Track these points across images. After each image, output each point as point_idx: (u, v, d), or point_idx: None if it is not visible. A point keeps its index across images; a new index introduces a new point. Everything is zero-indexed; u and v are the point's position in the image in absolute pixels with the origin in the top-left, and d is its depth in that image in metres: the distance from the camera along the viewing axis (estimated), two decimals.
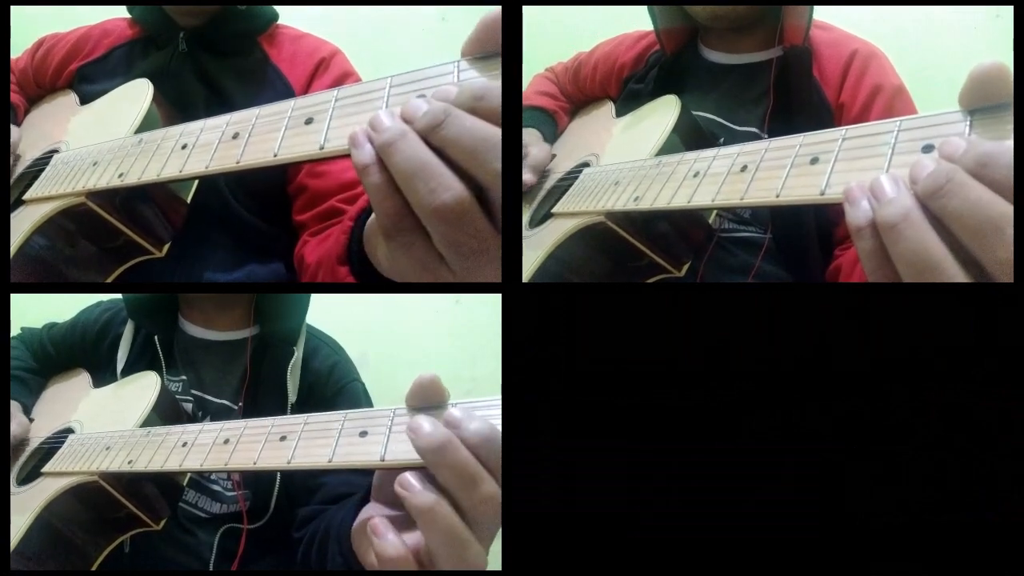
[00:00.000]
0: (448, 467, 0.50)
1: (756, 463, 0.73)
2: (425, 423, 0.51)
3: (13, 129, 0.84)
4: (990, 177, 0.43)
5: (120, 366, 0.93)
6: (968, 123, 0.47)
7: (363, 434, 0.58)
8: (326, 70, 0.91)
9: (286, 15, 0.95)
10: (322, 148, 0.52)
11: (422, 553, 0.52)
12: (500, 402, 0.54)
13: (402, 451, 0.54)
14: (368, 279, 0.64)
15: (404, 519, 0.53)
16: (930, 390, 0.71)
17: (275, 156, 0.54)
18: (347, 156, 0.50)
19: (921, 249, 0.44)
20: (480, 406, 0.54)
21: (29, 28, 0.98)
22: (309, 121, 0.53)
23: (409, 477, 0.51)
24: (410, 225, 0.48)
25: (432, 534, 0.51)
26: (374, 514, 0.56)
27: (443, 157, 0.47)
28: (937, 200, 0.44)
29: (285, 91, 0.89)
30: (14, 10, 0.83)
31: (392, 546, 0.52)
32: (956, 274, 0.43)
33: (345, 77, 0.91)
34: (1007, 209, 0.42)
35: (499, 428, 0.52)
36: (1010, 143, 0.45)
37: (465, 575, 0.61)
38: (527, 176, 0.89)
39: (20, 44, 0.95)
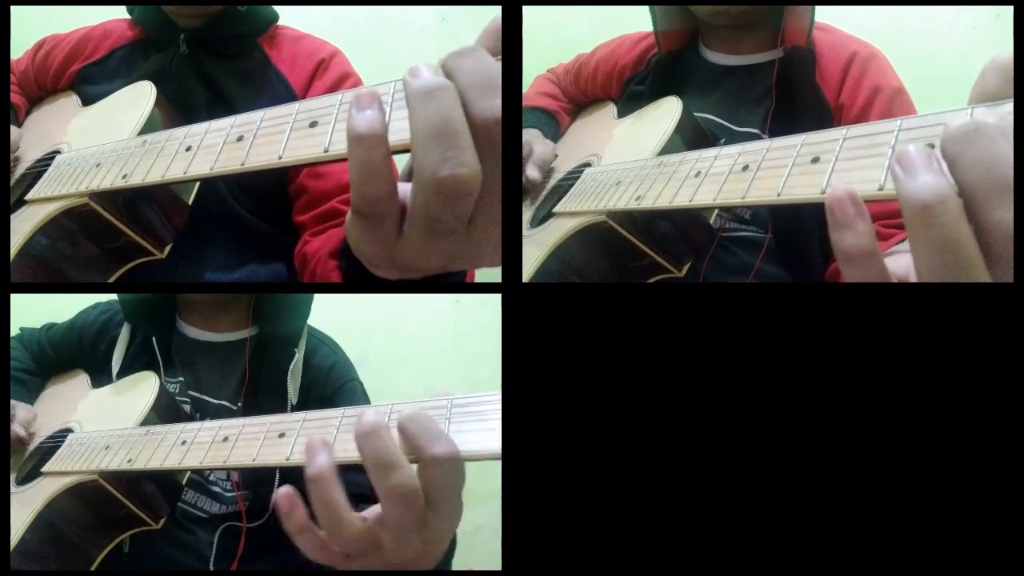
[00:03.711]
0: None
1: (756, 464, 0.73)
2: None
3: (13, 129, 0.84)
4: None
5: (116, 368, 0.93)
6: None
7: None
8: (326, 71, 0.91)
9: (286, 16, 0.95)
10: (327, 151, 0.51)
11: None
12: (499, 399, 0.55)
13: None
14: (357, 275, 0.63)
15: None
16: (930, 390, 0.71)
17: (280, 159, 0.54)
18: None
19: (954, 239, 0.39)
20: (480, 401, 0.55)
21: (29, 28, 0.98)
22: (314, 124, 0.53)
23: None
24: (384, 211, 0.45)
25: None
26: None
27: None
28: (959, 144, 0.39)
29: (285, 92, 0.89)
30: (14, 10, 0.83)
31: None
32: (981, 275, 0.40)
33: (345, 78, 0.92)
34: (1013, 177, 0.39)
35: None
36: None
37: (467, 575, 0.61)
38: (533, 173, 0.88)
39: (20, 44, 0.95)
